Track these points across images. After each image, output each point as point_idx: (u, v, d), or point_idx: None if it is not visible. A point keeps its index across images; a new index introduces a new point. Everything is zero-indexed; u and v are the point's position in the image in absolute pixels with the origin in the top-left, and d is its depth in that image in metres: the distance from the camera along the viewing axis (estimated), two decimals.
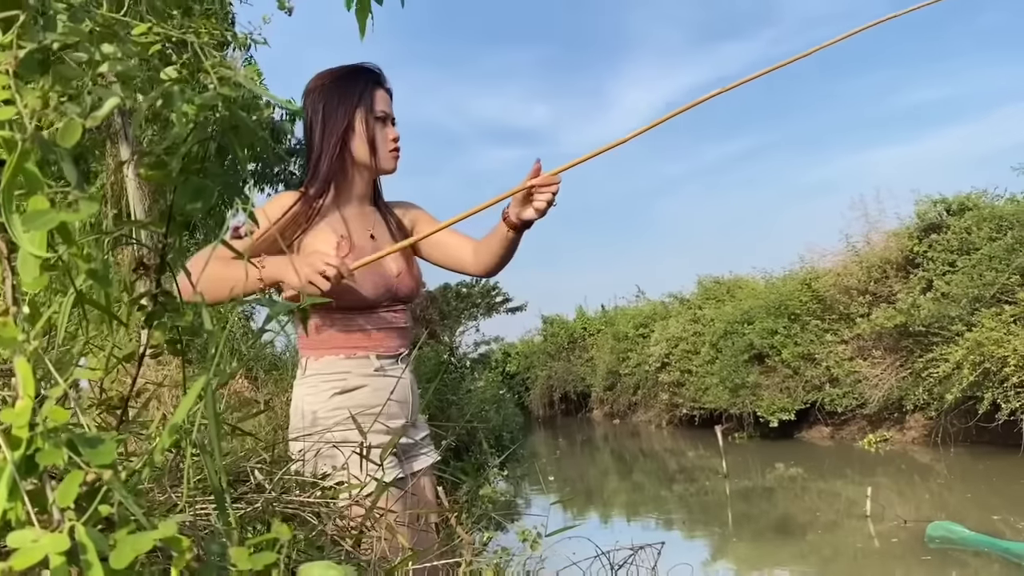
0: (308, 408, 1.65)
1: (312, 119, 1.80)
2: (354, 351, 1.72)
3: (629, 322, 26.17)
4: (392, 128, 1.85)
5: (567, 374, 30.62)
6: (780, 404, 16.89)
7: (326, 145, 1.76)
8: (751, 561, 7.44)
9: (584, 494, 12.64)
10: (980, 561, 6.36)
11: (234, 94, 0.58)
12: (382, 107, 1.82)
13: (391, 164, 1.86)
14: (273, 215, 1.71)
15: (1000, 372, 11.66)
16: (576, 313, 32.01)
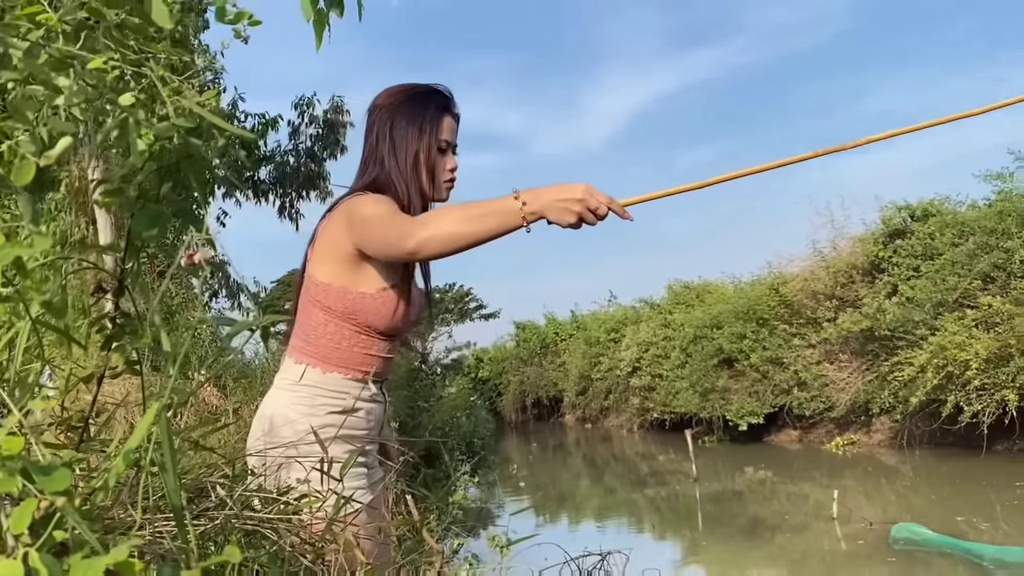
0: (296, 416, 1.62)
1: (379, 136, 1.77)
2: (360, 373, 1.71)
3: (600, 327, 26.28)
4: (452, 157, 1.83)
5: (539, 379, 30.65)
6: (749, 408, 17.06)
7: (402, 167, 1.74)
8: (721, 564, 7.51)
9: (556, 499, 12.68)
10: (944, 562, 6.46)
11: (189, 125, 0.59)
12: (447, 136, 1.80)
13: (445, 195, 1.83)
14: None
15: (963, 375, 11.87)
16: (548, 319, 32.02)
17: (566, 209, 1.48)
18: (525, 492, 13.34)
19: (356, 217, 1.65)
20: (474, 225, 1.51)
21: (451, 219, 1.54)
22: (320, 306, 1.68)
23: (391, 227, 1.58)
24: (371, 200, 1.66)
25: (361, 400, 1.71)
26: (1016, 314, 11.41)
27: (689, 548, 8.31)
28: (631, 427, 23.21)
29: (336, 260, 1.67)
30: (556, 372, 29.39)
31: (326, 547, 0.98)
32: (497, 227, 1.50)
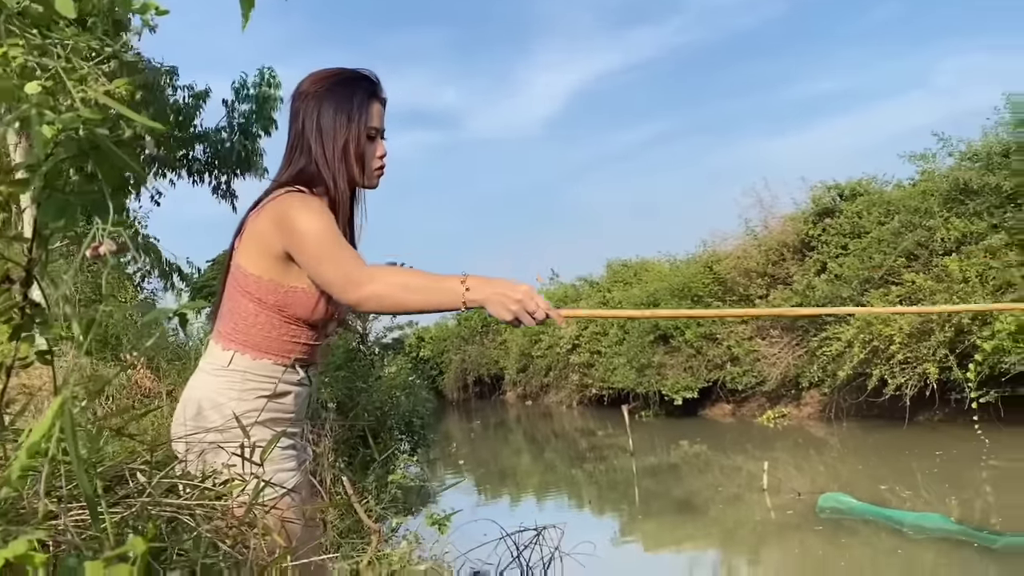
0: (225, 400, 1.62)
1: (306, 125, 1.73)
2: (288, 359, 1.72)
3: None
4: (381, 144, 1.81)
5: (481, 357, 30.72)
6: (684, 383, 17.43)
7: (330, 158, 1.72)
8: (657, 536, 7.69)
9: (497, 475, 12.79)
10: (868, 529, 6.72)
11: (94, 116, 0.58)
12: (375, 123, 1.78)
13: (375, 182, 1.82)
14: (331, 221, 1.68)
15: (887, 350, 12.32)
16: None
17: (505, 306, 1.54)
18: (466, 470, 13.41)
19: (289, 227, 1.63)
20: (418, 297, 1.56)
21: (398, 285, 1.57)
22: (250, 297, 1.67)
23: (336, 266, 1.59)
24: (305, 210, 1.64)
25: (289, 384, 1.72)
26: (937, 290, 11.86)
27: (626, 521, 8.48)
28: (570, 403, 23.48)
29: (265, 256, 1.66)
30: (497, 350, 29.50)
31: (247, 532, 0.98)
32: (437, 305, 1.58)
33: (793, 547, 6.61)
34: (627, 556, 7.13)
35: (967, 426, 11.65)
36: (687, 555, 6.94)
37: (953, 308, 8.35)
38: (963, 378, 11.40)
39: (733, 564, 6.57)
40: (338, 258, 1.60)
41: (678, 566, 6.65)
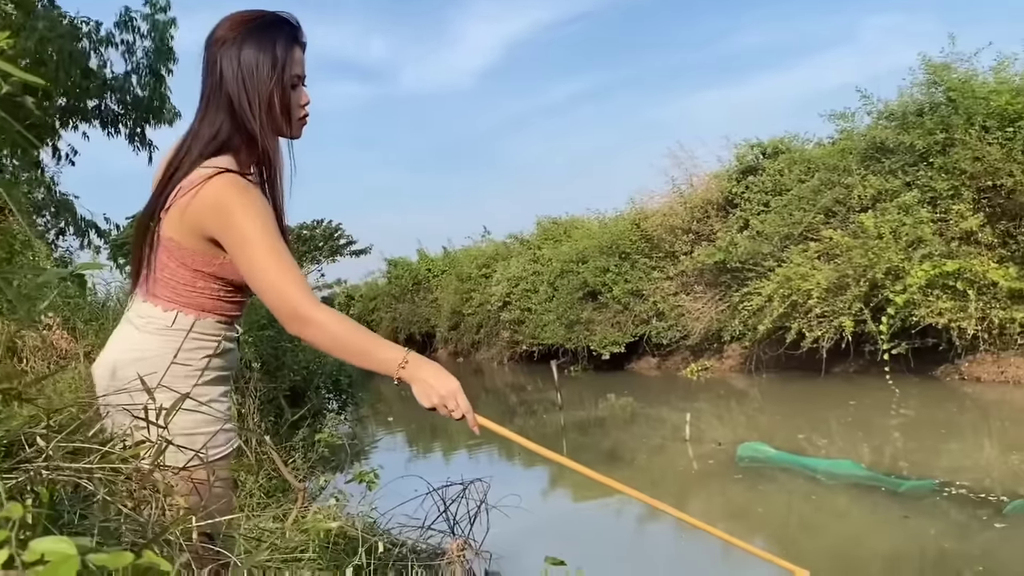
0: (170, 361, 1.58)
1: (224, 76, 1.63)
2: (229, 318, 1.70)
3: (472, 263, 26.41)
4: (304, 91, 1.72)
5: (412, 315, 30.62)
6: (611, 338, 17.75)
7: (255, 112, 1.62)
8: (584, 487, 7.86)
9: (429, 431, 12.85)
10: (785, 476, 7.01)
11: None
12: (299, 69, 1.69)
13: (299, 133, 1.75)
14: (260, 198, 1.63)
15: (805, 304, 12.75)
16: (420, 255, 31.87)
17: (428, 396, 1.63)
18: (397, 427, 13.44)
19: (230, 229, 1.57)
20: (355, 353, 1.59)
21: (340, 340, 1.57)
22: (187, 267, 1.63)
23: (281, 290, 1.54)
24: (247, 212, 1.57)
25: (230, 341, 1.71)
26: (853, 246, 12.28)
27: (555, 473, 8.65)
28: (501, 359, 23.66)
29: (197, 236, 1.60)
30: (428, 308, 29.43)
31: (150, 495, 0.98)
32: (370, 367, 1.61)
33: (714, 495, 6.85)
34: (555, 506, 7.30)
35: (879, 377, 12.21)
36: (613, 505, 7.14)
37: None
38: (876, 331, 11.91)
39: (657, 512, 6.79)
40: (285, 281, 1.55)
41: (605, 515, 6.84)
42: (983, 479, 6.22)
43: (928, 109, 12.52)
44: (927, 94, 12.68)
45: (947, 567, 4.42)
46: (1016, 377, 11.05)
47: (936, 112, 12.30)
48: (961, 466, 6.80)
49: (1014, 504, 5.33)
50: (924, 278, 11.26)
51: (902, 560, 4.63)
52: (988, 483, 6.07)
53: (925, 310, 11.32)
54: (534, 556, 4.62)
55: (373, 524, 3.53)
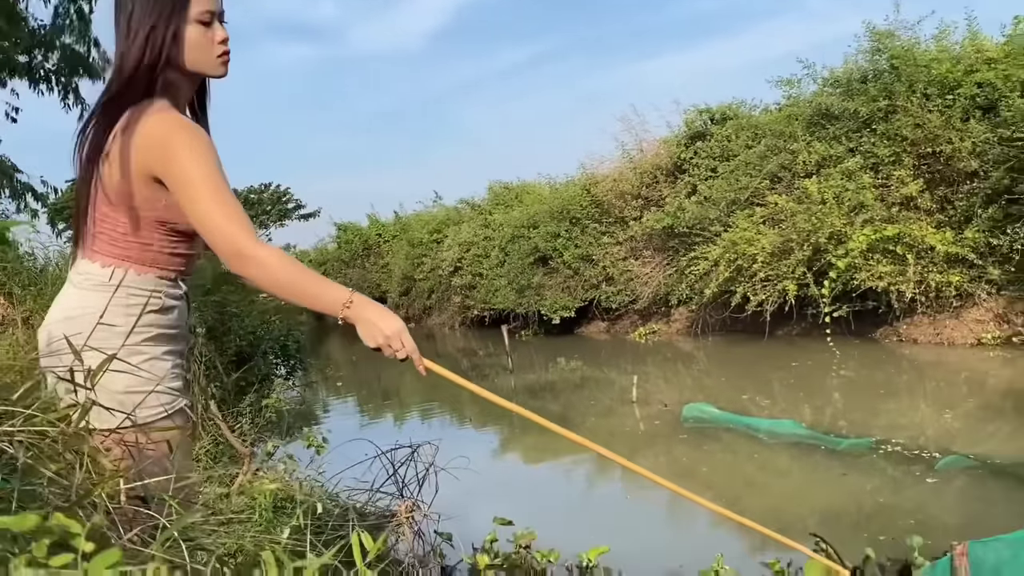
0: (110, 317, 1.54)
1: (131, 21, 1.59)
2: (172, 273, 1.66)
3: (423, 228, 26.29)
4: (220, 28, 1.66)
5: (362, 281, 30.42)
6: (562, 302, 17.88)
7: (158, 54, 1.58)
8: (535, 449, 7.96)
9: (381, 396, 12.84)
10: (729, 436, 7.18)
11: None
12: (208, 5, 1.63)
13: (220, 70, 1.69)
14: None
15: (750, 268, 12.98)
16: (371, 220, 31.60)
17: (373, 336, 1.63)
18: (348, 392, 13.40)
19: (172, 166, 1.53)
20: (299, 293, 1.58)
21: (285, 277, 1.56)
22: (127, 214, 1.59)
23: (225, 228, 1.52)
24: (189, 148, 1.54)
25: (173, 299, 1.67)
26: (798, 211, 12.51)
27: (506, 436, 8.73)
28: (453, 324, 23.68)
29: (139, 177, 1.56)
30: (379, 274, 29.27)
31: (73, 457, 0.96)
32: (315, 307, 1.62)
33: (660, 454, 6.99)
34: (505, 468, 7.37)
35: (821, 339, 12.54)
36: (563, 465, 7.24)
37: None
38: (818, 294, 12.20)
39: (608, 470, 6.91)
40: (228, 219, 1.53)
41: (554, 476, 6.94)
42: (918, 437, 6.46)
43: (872, 76, 12.74)
44: (871, 61, 12.89)
45: (882, 521, 4.59)
46: (951, 339, 11.44)
47: (879, 79, 12.52)
48: (897, 425, 7.04)
49: (946, 460, 5.55)
50: (865, 242, 11.53)
51: (840, 515, 4.79)
52: (922, 441, 6.30)
53: (866, 274, 11.61)
54: (483, 516, 4.68)
55: (321, 488, 3.53)
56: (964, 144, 11.50)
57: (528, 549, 4.28)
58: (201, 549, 1.01)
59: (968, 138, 11.50)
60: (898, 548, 4.00)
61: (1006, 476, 5.19)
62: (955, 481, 5.22)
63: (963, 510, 4.71)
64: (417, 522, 3.26)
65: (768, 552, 4.05)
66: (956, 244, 11.23)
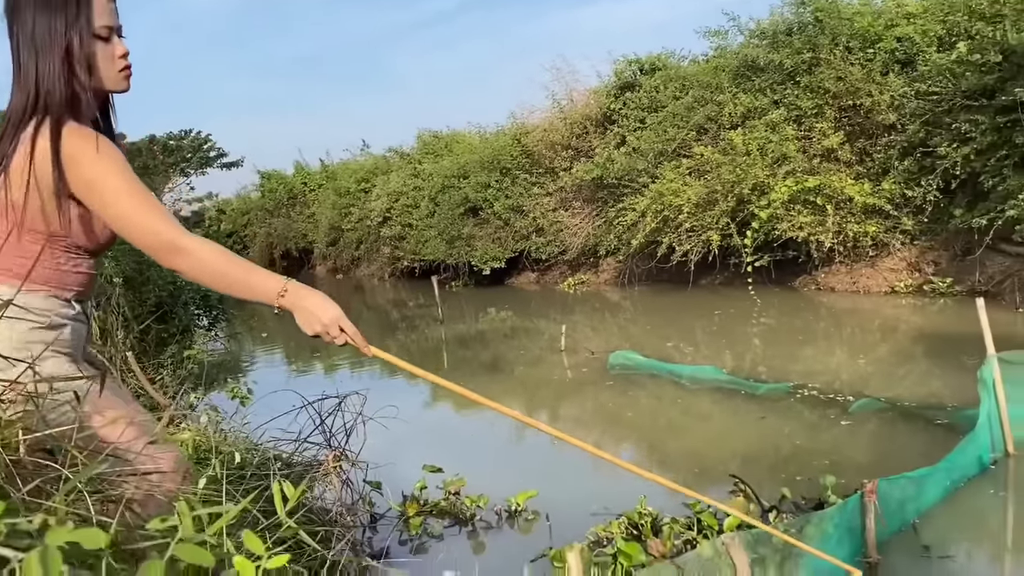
0: None
1: (22, 41, 1.55)
2: (65, 292, 1.60)
3: (351, 177, 25.84)
4: (120, 43, 1.64)
5: (288, 231, 29.89)
6: (492, 253, 17.90)
7: (54, 72, 1.54)
8: (465, 400, 8.01)
9: (308, 349, 12.70)
10: (654, 382, 7.33)
11: None
12: (105, 20, 1.59)
13: (123, 84, 1.67)
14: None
15: (676, 219, 13.18)
16: (296, 168, 30.89)
17: (311, 324, 1.63)
18: (275, 345, 13.20)
19: (81, 175, 1.51)
20: (232, 283, 1.57)
21: (218, 268, 1.55)
22: (23, 228, 1.55)
23: (149, 226, 1.51)
24: (94, 157, 1.51)
25: (64, 318, 1.61)
26: (723, 163, 12.71)
27: (436, 387, 8.74)
28: (382, 276, 23.47)
29: (45, 193, 1.53)
30: (305, 223, 28.75)
31: None
32: (249, 297, 1.61)
33: (587, 400, 7.11)
34: (436, 418, 7.40)
35: (743, 288, 12.87)
36: (492, 415, 7.30)
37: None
38: (741, 244, 12.48)
39: (537, 417, 7.00)
40: (154, 217, 1.53)
41: (484, 424, 7.00)
42: (833, 382, 6.71)
43: (797, 29, 12.91)
44: (796, 14, 13.05)
45: (799, 462, 4.77)
46: (866, 287, 11.88)
47: (804, 32, 12.70)
48: (814, 370, 7.30)
49: (859, 403, 5.79)
50: (787, 193, 11.81)
51: (759, 457, 4.96)
52: (837, 385, 6.55)
53: (787, 224, 11.91)
54: (413, 465, 4.70)
55: (246, 439, 3.48)
56: (883, 97, 11.81)
57: (457, 495, 4.32)
58: (111, 501, 0.97)
59: (887, 91, 11.81)
60: (813, 487, 4.18)
61: (914, 418, 5.45)
62: (867, 423, 5.46)
63: (874, 450, 4.93)
64: (345, 471, 3.25)
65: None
66: (873, 195, 11.59)
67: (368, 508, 4.04)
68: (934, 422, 5.30)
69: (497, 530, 4.12)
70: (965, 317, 8.92)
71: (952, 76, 10.80)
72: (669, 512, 3.92)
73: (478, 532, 4.10)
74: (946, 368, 6.94)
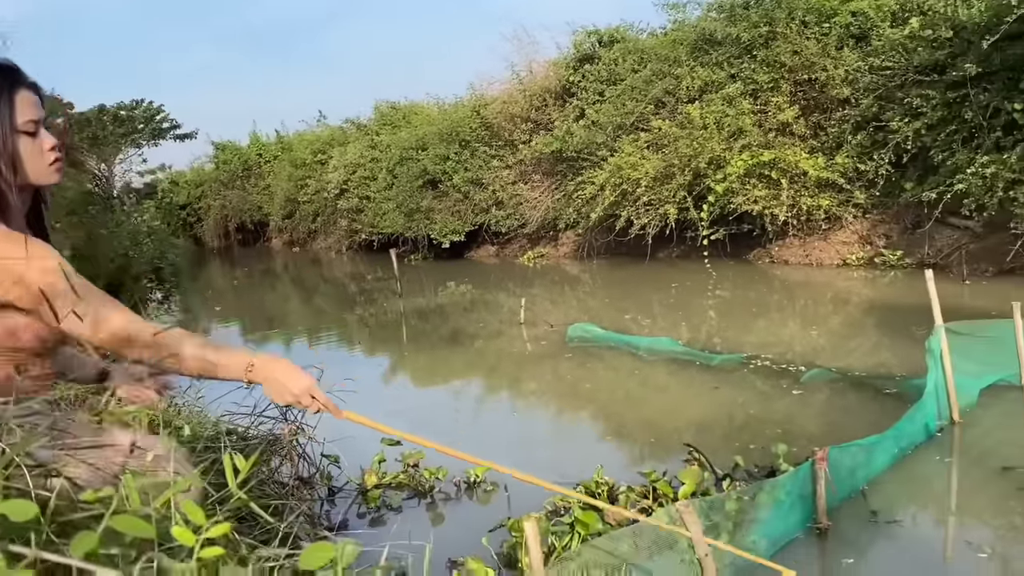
0: None
1: None
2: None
3: (307, 148, 25.50)
4: (47, 135, 1.59)
5: (243, 203, 29.45)
6: (452, 226, 17.82)
7: None
8: (426, 370, 8.00)
9: (266, 322, 12.55)
10: (611, 354, 7.39)
11: None
12: (29, 116, 1.55)
13: (54, 178, 1.63)
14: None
15: (634, 193, 13.24)
16: (251, 139, 30.37)
17: (281, 394, 1.63)
18: (231, 318, 13.03)
19: (18, 282, 1.47)
20: (201, 367, 1.58)
21: (186, 350, 1.55)
22: None
23: (114, 319, 1.50)
24: (39, 264, 1.47)
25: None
26: (680, 136, 12.77)
27: (395, 359, 8.72)
28: (340, 249, 23.25)
29: None
30: (260, 195, 28.35)
31: None
32: (219, 377, 1.61)
33: (546, 373, 7.15)
34: (395, 391, 7.39)
35: (699, 261, 13.01)
36: (454, 386, 7.31)
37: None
38: (697, 218, 12.59)
39: (496, 390, 7.02)
40: (116, 312, 1.52)
41: (443, 397, 7.00)
42: (786, 352, 6.84)
43: (754, 2, 12.96)
44: None
45: (752, 430, 4.86)
46: (819, 259, 12.09)
47: (761, 5, 12.76)
48: (767, 341, 7.43)
49: (810, 373, 5.91)
50: (743, 167, 11.92)
51: (713, 426, 5.05)
52: (790, 356, 6.68)
53: (742, 198, 12.04)
54: (371, 439, 4.69)
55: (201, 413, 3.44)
56: (837, 72, 11.94)
57: (416, 468, 4.33)
58: (54, 476, 0.95)
59: (841, 66, 11.95)
60: (765, 455, 4.27)
61: (864, 387, 5.58)
62: (819, 393, 5.58)
63: (825, 419, 5.04)
64: (302, 445, 3.23)
65: (646, 463, 4.25)
66: (827, 169, 11.76)
67: (326, 482, 4.03)
68: (883, 391, 5.43)
69: (456, 501, 4.14)
70: (914, 289, 9.13)
71: (904, 51, 10.95)
72: (626, 481, 3.97)
73: (437, 504, 4.12)
74: (895, 339, 7.11)
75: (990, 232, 10.25)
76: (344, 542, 0.98)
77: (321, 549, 0.94)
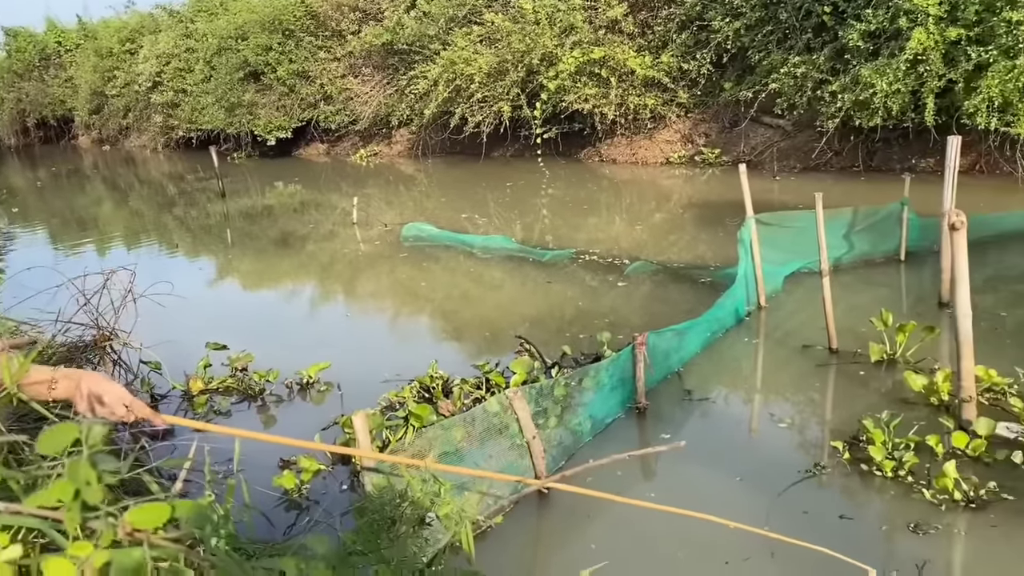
0: None
1: None
2: None
3: (114, 36, 23.35)
4: None
5: (42, 96, 26.87)
6: (277, 122, 16.98)
7: None
8: (255, 275, 7.72)
9: (76, 225, 11.63)
10: (448, 253, 7.42)
11: None
12: None
13: None
14: None
15: (468, 89, 13.07)
16: (47, 25, 27.48)
17: (93, 407, 1.52)
18: (36, 222, 11.98)
19: None
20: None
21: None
22: None
23: None
24: None
25: None
26: (513, 31, 12.63)
27: (221, 263, 8.35)
28: (155, 147, 21.76)
29: None
30: (63, 88, 25.88)
31: None
32: (29, 399, 1.47)
33: (382, 274, 7.09)
34: (221, 295, 7.11)
35: (533, 160, 13.15)
36: (286, 289, 7.12)
37: None
38: (531, 116, 12.65)
39: (330, 292, 6.90)
40: None
41: (275, 300, 6.82)
42: (612, 248, 7.12)
43: None
44: None
45: (581, 322, 5.07)
46: (644, 158, 12.52)
47: None
48: (596, 238, 7.69)
49: (634, 266, 6.20)
50: (574, 65, 12.01)
51: (547, 319, 5.22)
52: (616, 251, 6.96)
53: (573, 96, 12.18)
54: (196, 343, 4.51)
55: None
56: None
57: (245, 371, 4.22)
58: None
59: None
60: (592, 344, 4.48)
61: (682, 278, 5.93)
62: (642, 285, 5.87)
63: (647, 309, 5.33)
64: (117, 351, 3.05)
65: (482, 358, 4.35)
66: (653, 68, 12.05)
67: (148, 389, 3.86)
68: (699, 281, 5.79)
69: (288, 403, 4.09)
70: (730, 185, 9.69)
71: None
72: (460, 375, 4.06)
73: (268, 406, 4.05)
74: (712, 233, 7.55)
75: (799, 131, 10.96)
76: (89, 423, 0.94)
77: (64, 430, 0.90)
